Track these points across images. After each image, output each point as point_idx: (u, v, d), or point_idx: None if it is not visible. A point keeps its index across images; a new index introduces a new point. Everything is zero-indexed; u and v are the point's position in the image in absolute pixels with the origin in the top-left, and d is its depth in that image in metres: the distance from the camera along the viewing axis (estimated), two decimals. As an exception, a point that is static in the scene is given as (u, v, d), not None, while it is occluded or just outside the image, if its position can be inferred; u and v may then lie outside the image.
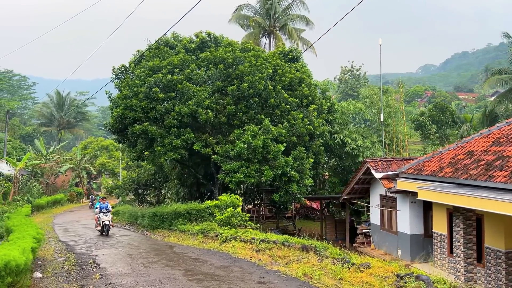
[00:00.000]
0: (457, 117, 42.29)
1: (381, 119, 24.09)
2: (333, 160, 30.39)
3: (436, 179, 14.77)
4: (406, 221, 16.99)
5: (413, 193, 16.46)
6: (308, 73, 22.91)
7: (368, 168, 18.39)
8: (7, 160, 33.96)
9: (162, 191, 33.62)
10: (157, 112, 19.40)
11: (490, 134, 15.54)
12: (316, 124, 20.48)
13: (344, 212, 29.21)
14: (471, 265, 13.38)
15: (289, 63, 22.70)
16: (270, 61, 21.50)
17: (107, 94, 21.71)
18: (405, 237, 17.09)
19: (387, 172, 17.52)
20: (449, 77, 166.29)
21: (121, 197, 34.92)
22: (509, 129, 15.07)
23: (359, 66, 70.75)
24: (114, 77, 22.48)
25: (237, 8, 38.63)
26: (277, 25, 38.20)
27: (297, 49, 25.49)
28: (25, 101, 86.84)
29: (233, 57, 20.25)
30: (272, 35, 38.06)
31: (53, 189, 46.14)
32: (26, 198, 33.46)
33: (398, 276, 7.28)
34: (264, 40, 38.36)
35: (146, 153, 22.01)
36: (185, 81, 19.46)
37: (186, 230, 16.93)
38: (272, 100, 19.99)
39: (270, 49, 35.34)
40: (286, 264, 9.51)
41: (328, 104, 22.83)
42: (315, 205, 31.88)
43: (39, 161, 41.50)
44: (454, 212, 13.61)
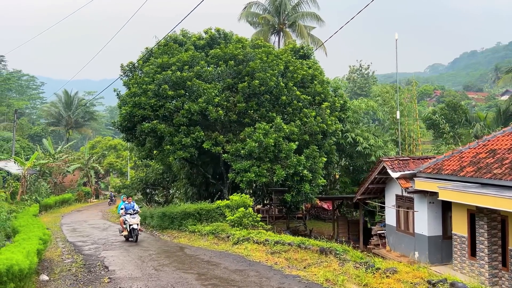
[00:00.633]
0: (470, 116, 41.44)
1: (397, 117, 23.38)
2: (344, 160, 29.80)
3: (457, 178, 14.15)
4: (424, 222, 16.37)
5: (431, 193, 15.87)
6: (320, 70, 22.33)
7: (383, 168, 17.79)
8: (15, 159, 33.77)
9: (171, 190, 33.26)
10: (166, 110, 18.96)
11: (513, 132, 14.89)
12: (329, 122, 19.91)
13: (355, 213, 28.66)
14: (496, 269, 12.76)
15: (301, 60, 22.15)
16: (282, 57, 20.97)
17: (115, 91, 21.32)
18: (422, 238, 16.48)
19: (404, 171, 16.91)
20: (458, 77, 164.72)
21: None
22: (534, 126, 14.41)
23: (367, 65, 69.91)
24: (123, 74, 22.08)
25: (246, 6, 38.13)
26: (286, 22, 37.63)
27: (308, 45, 24.91)
28: (34, 101, 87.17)
29: (243, 53, 19.75)
30: (282, 33, 37.50)
31: (61, 189, 45.97)
32: (34, 197, 33.24)
33: (429, 282, 6.73)
34: (274, 38, 37.83)
35: (155, 152, 21.59)
36: (194, 78, 19.00)
37: (196, 230, 16.48)
38: (284, 98, 19.46)
39: (279, 47, 34.78)
40: (305, 268, 8.99)
41: (341, 102, 22.23)
42: (326, 205, 31.30)
43: (47, 161, 41.33)
44: (478, 213, 12.99)
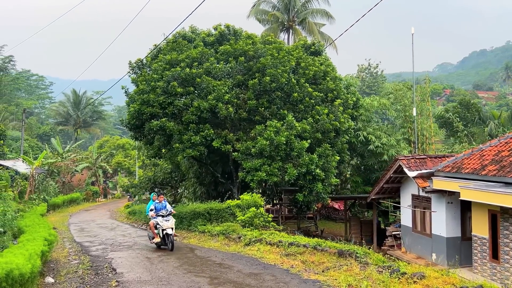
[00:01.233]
0: (483, 114, 40.58)
1: (414, 113, 22.74)
2: (355, 159, 29.22)
3: (478, 177, 13.54)
4: (442, 223, 15.77)
5: (449, 193, 15.28)
6: (332, 67, 21.76)
7: (399, 166, 17.21)
8: (23, 158, 33.61)
9: (179, 190, 32.87)
10: (175, 108, 18.52)
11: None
12: (342, 120, 19.35)
13: (367, 213, 28.06)
14: (522, 273, 12.15)
15: (312, 57, 21.60)
16: (293, 54, 20.43)
17: (123, 89, 20.93)
18: (440, 240, 15.87)
19: (421, 170, 16.32)
20: (467, 76, 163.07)
21: (137, 196, 34.29)
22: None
23: (376, 64, 69.18)
24: (131, 71, 21.70)
25: (255, 3, 37.67)
26: (296, 19, 37.10)
27: (319, 42, 24.35)
28: (42, 101, 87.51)
29: (254, 49, 19.26)
30: (291, 30, 36.98)
31: (69, 188, 45.87)
32: (42, 197, 33.05)
33: (463, 289, 6.19)
34: (283, 35, 37.32)
35: (163, 150, 21.16)
36: (204, 75, 18.54)
37: (206, 231, 16.03)
38: (296, 94, 18.93)
39: (289, 44, 34.24)
40: (323, 271, 8.48)
41: (354, 99, 21.64)
42: (337, 205, 30.72)
43: (55, 160, 41.19)
44: (502, 214, 12.39)
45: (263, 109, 18.77)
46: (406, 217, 18.28)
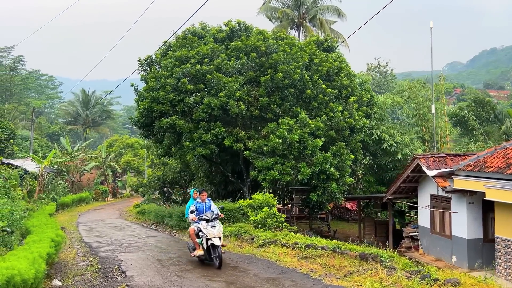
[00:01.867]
0: (498, 113, 39.60)
1: (433, 110, 22.05)
2: (367, 158, 28.58)
3: (503, 176, 12.87)
4: (463, 224, 15.15)
5: (471, 193, 14.67)
6: (346, 63, 21.18)
7: (417, 165, 16.60)
8: (32, 157, 33.46)
9: (188, 189, 32.49)
10: (185, 105, 18.05)
11: None
12: (356, 117, 18.77)
13: (380, 213, 27.42)
14: (552, 278, 11.51)
15: (325, 53, 21.03)
16: (306, 49, 19.89)
17: (132, 86, 20.54)
18: (461, 242, 15.25)
19: (441, 169, 15.70)
20: (478, 75, 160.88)
21: (146, 195, 33.96)
22: None
23: (386, 63, 68.24)
24: (140, 68, 21.30)
25: (265, 0, 37.12)
26: (306, 16, 36.51)
27: (332, 38, 23.75)
28: (52, 101, 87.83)
29: (266, 45, 18.74)
30: (302, 27, 36.41)
31: (78, 187, 45.75)
32: (51, 196, 32.87)
33: (505, 299, 5.62)
34: (293, 33, 36.73)
35: (173, 149, 20.74)
36: (215, 72, 18.06)
37: (218, 231, 15.54)
38: (309, 91, 18.38)
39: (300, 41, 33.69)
40: (345, 276, 7.95)
41: (368, 96, 21.03)
42: (349, 205, 30.10)
43: (64, 159, 41.05)
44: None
45: (275, 106, 18.24)
46: (424, 217, 17.66)
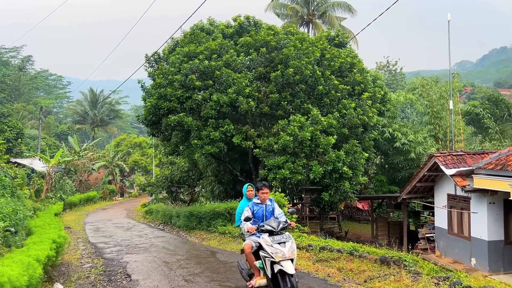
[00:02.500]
0: (513, 111, 38.63)
1: (450, 106, 21.33)
2: (379, 157, 27.91)
3: (528, 175, 12.23)
4: (483, 225, 14.45)
5: (492, 192, 13.98)
6: (358, 58, 20.54)
7: (434, 164, 15.94)
8: (40, 156, 33.25)
9: (196, 189, 32.06)
10: (193, 102, 17.56)
11: None
12: (370, 114, 18.13)
13: (392, 214, 26.71)
14: None
15: (337, 48, 20.42)
16: (317, 44, 19.29)
17: (139, 83, 20.11)
18: (481, 243, 14.56)
19: (460, 167, 15.02)
20: (488, 74, 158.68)
21: (154, 195, 33.60)
22: None
23: (395, 61, 67.33)
24: (147, 65, 20.87)
25: (274, -3, 36.54)
26: (316, 13, 35.88)
27: (343, 33, 23.11)
28: (60, 100, 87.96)
29: (276, 40, 18.18)
30: (311, 24, 35.77)
31: (86, 187, 45.62)
32: (59, 195, 32.66)
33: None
34: (303, 30, 36.03)
35: (181, 147, 20.26)
36: (223, 67, 17.55)
37: (227, 232, 15.06)
38: (321, 87, 17.79)
39: (309, 38, 33.07)
40: (366, 282, 7.38)
41: (382, 92, 20.38)
42: (360, 205, 29.44)
43: (72, 158, 40.87)
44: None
45: (285, 103, 17.68)
46: (440, 218, 16.99)
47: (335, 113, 17.56)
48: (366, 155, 17.97)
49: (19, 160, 34.47)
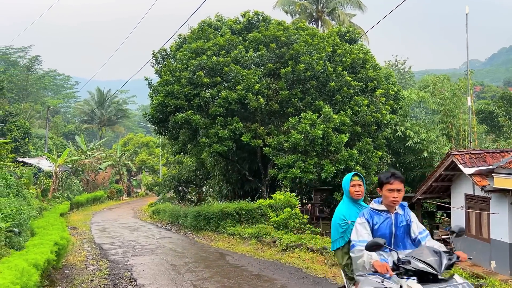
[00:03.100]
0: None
1: (469, 103, 20.64)
2: (390, 156, 27.26)
3: (554, 175, 11.61)
4: (504, 226, 13.80)
5: (513, 193, 13.35)
6: (371, 54, 19.95)
7: (451, 163, 15.28)
8: (47, 156, 33.03)
9: (204, 188, 31.66)
10: (201, 99, 17.09)
11: None
12: (383, 112, 17.54)
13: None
14: None
15: (349, 45, 19.84)
16: (328, 40, 18.74)
17: (146, 80, 19.68)
18: (501, 246, 13.91)
19: (479, 167, 14.38)
20: (497, 73, 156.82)
21: (161, 194, 33.26)
22: None
23: (403, 60, 66.44)
24: (154, 62, 20.44)
25: (282, -7, 35.97)
26: (325, 10, 35.27)
27: (354, 29, 22.52)
28: (68, 100, 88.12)
29: (286, 35, 17.66)
30: (320, 21, 35.17)
31: (93, 186, 45.39)
32: (65, 195, 32.42)
33: None
34: (312, 27, 35.48)
35: (188, 146, 19.82)
36: (232, 64, 17.06)
37: (236, 233, 14.57)
38: (332, 84, 17.23)
39: (318, 35, 32.45)
40: (388, 289, 6.83)
41: (395, 89, 19.76)
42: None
43: (78, 157, 40.67)
44: None
45: (296, 100, 17.14)
46: (457, 219, 16.33)
47: (347, 110, 16.99)
48: (380, 153, 17.40)
49: (26, 160, 34.27)
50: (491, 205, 14.33)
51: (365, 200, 17.62)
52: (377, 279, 3.60)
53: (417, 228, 4.06)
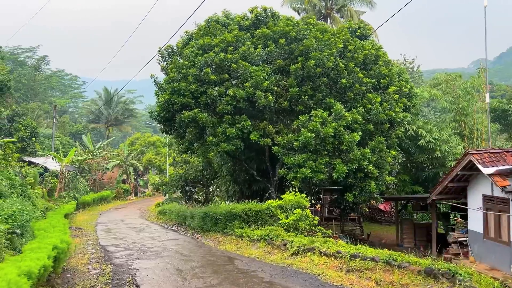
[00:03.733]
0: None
1: (487, 100, 19.95)
2: (401, 155, 26.60)
3: None
4: (526, 229, 13.17)
5: (536, 194, 12.70)
6: (383, 50, 19.32)
7: (469, 162, 14.64)
8: (53, 155, 32.77)
9: (211, 188, 31.22)
10: (208, 97, 16.60)
11: None
12: (397, 110, 16.92)
13: (416, 215, 25.38)
14: None
15: (360, 41, 19.25)
16: (339, 36, 18.16)
17: (152, 77, 19.24)
18: (523, 249, 13.28)
19: (498, 166, 13.73)
20: (506, 72, 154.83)
21: (168, 194, 32.87)
22: None
23: (412, 59, 65.55)
24: (160, 59, 19.99)
25: (290, -10, 35.41)
26: (334, 7, 34.64)
27: (365, 25, 21.91)
28: (76, 100, 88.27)
29: (296, 30, 17.11)
30: (329, 18, 34.54)
31: (100, 186, 45.15)
32: (72, 194, 32.13)
33: None
34: (322, 23, 34.86)
35: (195, 145, 19.35)
36: (240, 60, 16.55)
37: (245, 235, 14.07)
38: (344, 81, 16.66)
39: (327, 32, 31.84)
40: (412, 299, 6.30)
41: (408, 87, 19.12)
42: (382, 206, 28.17)
43: (85, 157, 40.42)
44: None
45: (306, 97, 16.59)
46: (475, 221, 15.68)
47: (359, 108, 16.41)
48: (394, 153, 16.80)
49: (32, 159, 34.02)
50: (511, 206, 13.68)
51: (378, 201, 17.04)
52: None
53: None
